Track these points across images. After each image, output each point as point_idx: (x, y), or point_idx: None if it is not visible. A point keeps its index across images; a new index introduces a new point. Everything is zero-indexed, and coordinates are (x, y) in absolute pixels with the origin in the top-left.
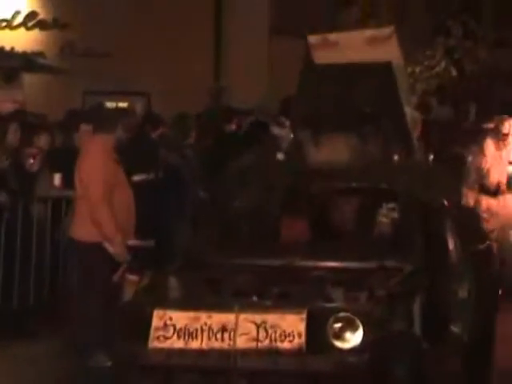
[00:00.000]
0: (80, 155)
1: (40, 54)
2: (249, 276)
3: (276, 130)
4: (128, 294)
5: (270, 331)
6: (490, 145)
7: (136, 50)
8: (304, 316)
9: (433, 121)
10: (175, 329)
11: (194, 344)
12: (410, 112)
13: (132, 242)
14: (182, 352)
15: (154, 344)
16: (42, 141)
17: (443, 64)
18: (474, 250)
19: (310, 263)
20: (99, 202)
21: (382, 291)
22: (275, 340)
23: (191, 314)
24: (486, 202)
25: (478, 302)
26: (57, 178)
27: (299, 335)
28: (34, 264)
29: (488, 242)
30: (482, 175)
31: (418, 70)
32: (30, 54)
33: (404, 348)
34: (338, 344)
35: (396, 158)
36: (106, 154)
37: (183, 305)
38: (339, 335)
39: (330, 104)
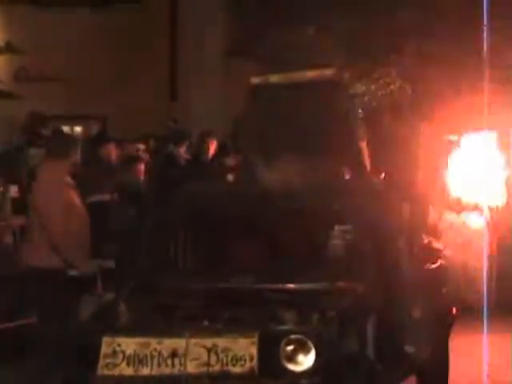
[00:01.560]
0: (34, 182)
1: None
2: (199, 300)
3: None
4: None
5: (221, 355)
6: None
7: (91, 73)
8: (255, 339)
9: (386, 138)
10: (124, 355)
11: (144, 371)
12: (359, 130)
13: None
14: (131, 379)
15: (103, 372)
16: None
17: (398, 82)
18: (427, 269)
19: (262, 285)
20: (57, 229)
21: (334, 312)
22: (227, 364)
23: (140, 340)
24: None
25: (431, 321)
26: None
27: (251, 359)
28: None
29: (440, 261)
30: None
31: (373, 87)
32: None
33: (357, 370)
34: (291, 367)
35: (347, 177)
36: (61, 180)
37: (132, 331)
38: (291, 358)
39: (277, 124)
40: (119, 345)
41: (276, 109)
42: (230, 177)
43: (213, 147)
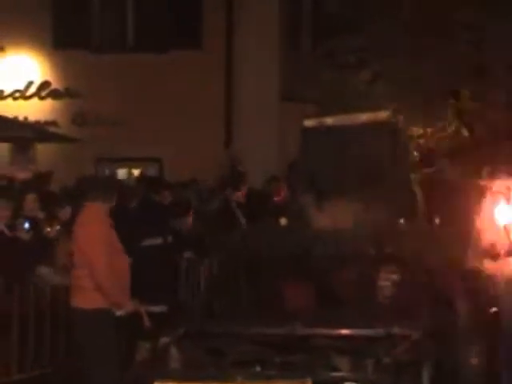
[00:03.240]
0: (76, 224)
1: (53, 122)
2: (251, 345)
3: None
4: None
5: None
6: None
7: (148, 117)
8: None
9: (442, 182)
10: None
11: None
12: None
13: (144, 307)
14: None
15: None
16: (64, 211)
17: (454, 125)
18: (484, 314)
19: (314, 331)
20: (102, 269)
21: (389, 359)
22: None
23: None
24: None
25: (488, 368)
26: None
27: None
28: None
29: (495, 308)
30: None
31: (429, 130)
32: (42, 123)
33: None
34: None
35: (401, 221)
36: (103, 221)
37: (184, 376)
38: None
39: (330, 167)
40: None
41: (329, 151)
42: (284, 220)
43: (282, 191)
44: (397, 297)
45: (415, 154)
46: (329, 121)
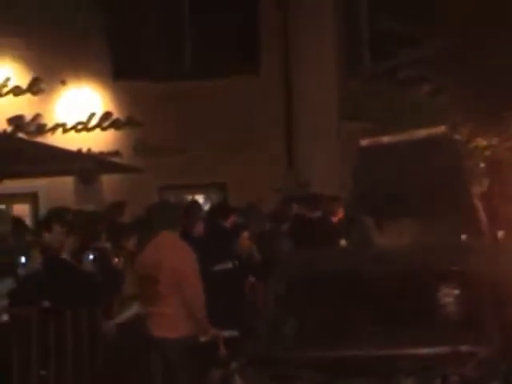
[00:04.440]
0: (157, 252)
1: (116, 153)
2: (317, 370)
3: None
4: None
5: None
6: None
7: (209, 142)
8: None
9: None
10: None
11: None
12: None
13: (215, 332)
14: None
15: None
16: (131, 242)
17: None
18: None
19: (380, 352)
20: (199, 293)
21: (457, 378)
22: None
23: None
24: None
25: None
26: None
27: None
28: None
29: None
30: None
31: (495, 140)
32: (105, 154)
33: None
34: None
35: (464, 237)
36: (187, 249)
37: None
38: None
39: (387, 185)
40: None
41: (386, 170)
42: (343, 241)
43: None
44: (462, 313)
45: (481, 165)
46: (385, 139)
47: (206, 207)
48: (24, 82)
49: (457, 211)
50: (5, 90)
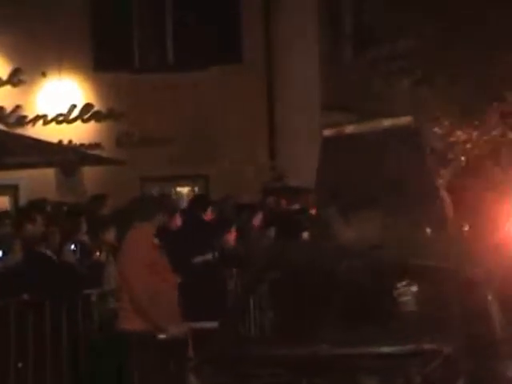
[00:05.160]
0: (123, 246)
1: (97, 145)
2: (274, 368)
3: None
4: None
5: None
6: None
7: (191, 134)
8: None
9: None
10: None
11: None
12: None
13: (195, 324)
14: None
15: None
16: (110, 235)
17: (501, 128)
18: None
19: (341, 351)
20: (140, 292)
21: (419, 377)
22: None
23: None
24: None
25: None
26: None
27: None
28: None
29: None
30: None
31: (475, 134)
32: (87, 146)
33: None
34: None
35: (428, 230)
36: (146, 243)
37: None
38: None
39: (353, 176)
40: None
41: (351, 161)
42: (306, 234)
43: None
44: (425, 310)
45: (462, 159)
46: (349, 129)
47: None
48: (4, 73)
49: (421, 204)
50: None
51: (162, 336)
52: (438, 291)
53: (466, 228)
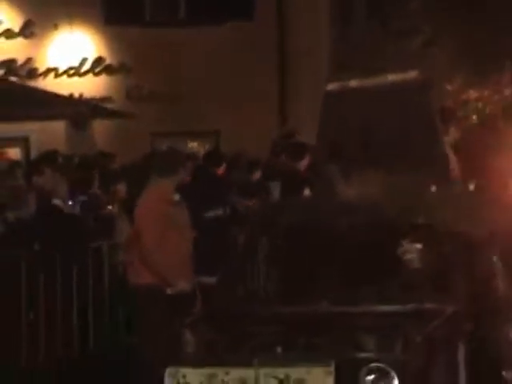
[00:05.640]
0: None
1: (108, 98)
2: (272, 326)
3: None
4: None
5: None
6: None
7: (202, 90)
8: (332, 369)
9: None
10: None
11: None
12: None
13: (204, 278)
14: None
15: None
16: (121, 189)
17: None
18: None
19: (340, 309)
20: (151, 245)
21: (421, 338)
22: None
23: (207, 371)
24: None
25: None
26: None
27: None
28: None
29: None
30: None
31: (486, 93)
32: (97, 99)
33: None
34: None
35: (433, 189)
36: (163, 199)
37: (198, 361)
38: None
39: (357, 132)
40: (184, 376)
41: (354, 116)
42: (307, 191)
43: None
44: (427, 269)
45: (473, 117)
46: (353, 83)
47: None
48: (16, 26)
49: (427, 160)
50: None
51: (169, 291)
52: (442, 251)
53: (472, 187)
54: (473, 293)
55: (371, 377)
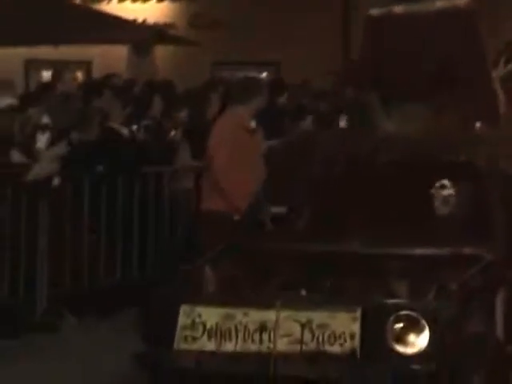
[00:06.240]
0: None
1: (171, 25)
2: (299, 265)
3: None
4: None
5: (316, 332)
6: None
7: (264, 20)
8: (358, 315)
9: None
10: (205, 328)
11: (228, 346)
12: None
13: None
14: (212, 356)
15: (180, 346)
16: (182, 114)
17: None
18: None
19: (371, 250)
20: (222, 173)
21: (456, 284)
22: (323, 343)
23: (224, 311)
24: None
25: None
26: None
27: (352, 337)
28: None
29: None
30: None
31: None
32: (160, 25)
33: (482, 354)
34: (399, 349)
35: (478, 126)
36: (240, 125)
37: (215, 300)
38: (401, 338)
39: (400, 61)
40: (200, 315)
41: (398, 44)
42: (343, 123)
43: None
44: (467, 212)
45: None
46: (398, 9)
47: None
48: None
49: (472, 96)
50: None
51: (236, 217)
52: (483, 194)
53: None
54: None
55: (400, 325)
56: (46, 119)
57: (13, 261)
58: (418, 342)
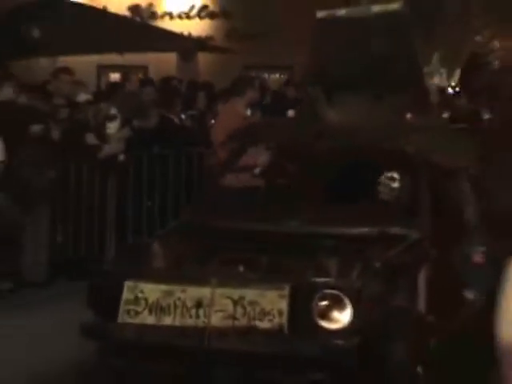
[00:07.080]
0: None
1: (210, 37)
2: (242, 243)
3: None
4: None
5: (248, 308)
6: None
7: (286, 31)
8: (285, 292)
9: None
10: (147, 303)
11: (167, 320)
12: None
13: None
14: (153, 329)
15: (123, 319)
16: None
17: None
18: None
19: (307, 229)
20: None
21: (379, 263)
22: (254, 318)
23: (164, 288)
24: None
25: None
26: None
27: (280, 314)
28: None
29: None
30: None
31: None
32: (202, 38)
33: (403, 327)
34: (324, 324)
35: (409, 116)
36: (236, 113)
37: (157, 276)
38: (325, 314)
39: (342, 57)
40: (142, 291)
41: (340, 43)
42: (291, 112)
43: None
44: (397, 196)
45: (496, 63)
46: (340, 12)
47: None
48: None
49: (405, 89)
50: None
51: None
52: (412, 179)
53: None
54: (438, 220)
55: (325, 302)
56: (113, 110)
57: (87, 221)
58: (342, 318)
